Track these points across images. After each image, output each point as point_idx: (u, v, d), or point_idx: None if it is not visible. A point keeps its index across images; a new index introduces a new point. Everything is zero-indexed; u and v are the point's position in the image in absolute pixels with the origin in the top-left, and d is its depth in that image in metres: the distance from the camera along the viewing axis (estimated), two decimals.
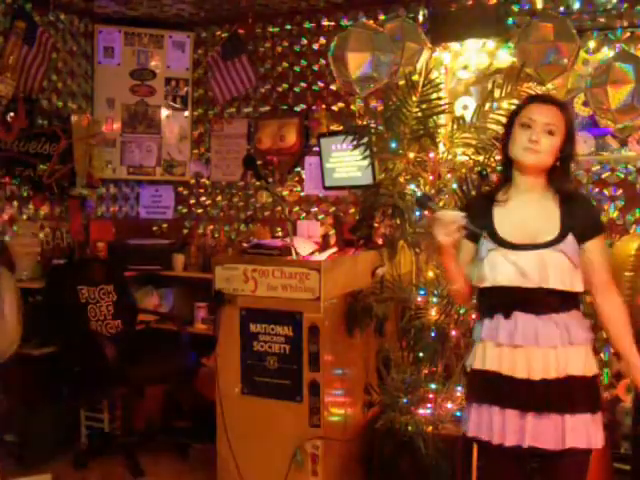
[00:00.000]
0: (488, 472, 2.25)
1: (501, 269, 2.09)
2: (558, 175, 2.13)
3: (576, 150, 2.23)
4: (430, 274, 3.26)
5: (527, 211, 2.13)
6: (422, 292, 3.24)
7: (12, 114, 4.09)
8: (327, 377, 3.08)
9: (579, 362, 2.06)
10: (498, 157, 2.91)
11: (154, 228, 5.16)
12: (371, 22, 3.77)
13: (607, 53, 3.52)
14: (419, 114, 3.19)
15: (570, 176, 2.19)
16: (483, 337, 2.15)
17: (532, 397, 2.03)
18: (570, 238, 2.07)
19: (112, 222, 4.89)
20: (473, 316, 2.25)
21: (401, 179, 3.26)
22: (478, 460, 2.35)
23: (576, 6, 3.64)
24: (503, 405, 2.06)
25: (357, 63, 3.36)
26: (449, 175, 3.24)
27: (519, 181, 2.16)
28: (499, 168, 2.37)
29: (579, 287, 2.08)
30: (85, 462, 3.83)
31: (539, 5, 3.67)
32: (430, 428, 3.07)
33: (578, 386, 2.04)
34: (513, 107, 2.33)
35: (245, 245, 3.90)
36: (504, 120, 2.47)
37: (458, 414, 3.06)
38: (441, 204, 3.23)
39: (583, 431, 2.03)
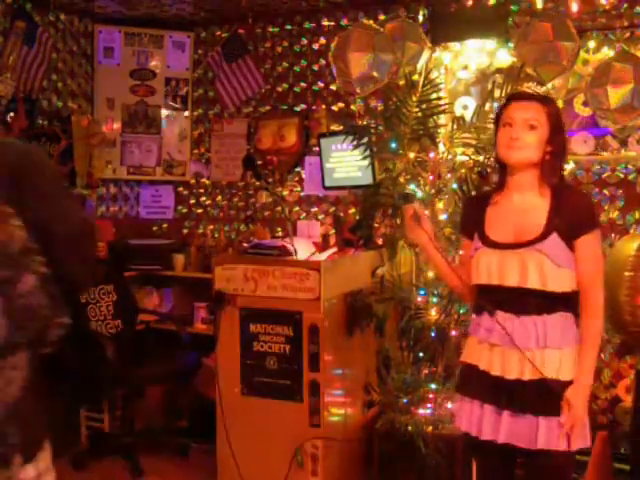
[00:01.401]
0: (477, 464, 2.30)
1: (483, 268, 2.11)
2: (548, 170, 2.12)
3: (565, 143, 2.20)
4: (430, 274, 3.26)
5: (515, 210, 2.14)
6: (422, 292, 3.24)
7: (12, 114, 4.09)
8: (327, 377, 3.08)
9: (554, 365, 2.03)
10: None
11: (154, 228, 5.15)
12: (371, 22, 3.77)
13: (607, 53, 3.52)
14: (419, 114, 3.19)
15: (559, 170, 2.17)
16: (469, 332, 2.24)
17: (508, 396, 2.05)
18: (553, 237, 2.04)
19: (112, 222, 4.89)
20: (473, 316, 2.27)
21: (401, 179, 3.26)
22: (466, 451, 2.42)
23: (576, 6, 3.64)
24: (482, 400, 2.11)
25: (358, 63, 3.36)
26: (449, 175, 3.24)
27: (509, 181, 2.17)
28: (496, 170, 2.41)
29: (565, 287, 2.05)
30: (85, 462, 3.83)
31: (539, 5, 3.67)
32: (430, 428, 3.07)
33: (553, 389, 2.02)
34: None
35: (245, 245, 3.90)
36: None
37: None
38: (441, 205, 3.24)
39: (557, 434, 2.01)
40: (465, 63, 3.77)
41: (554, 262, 2.02)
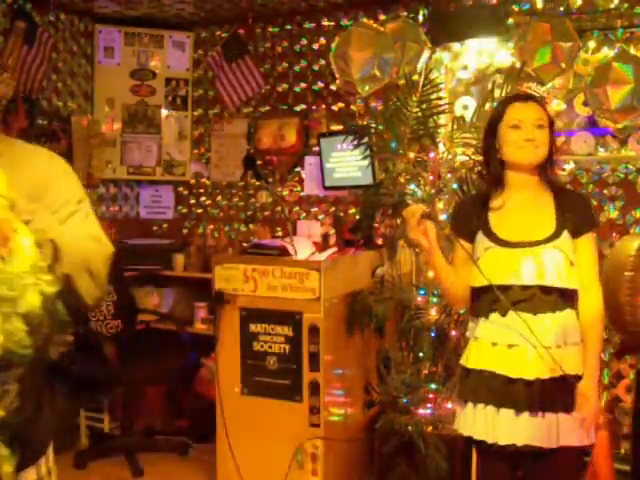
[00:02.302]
0: (482, 470, 2.28)
1: (497, 268, 2.09)
2: (548, 168, 2.16)
3: (556, 140, 2.26)
4: (430, 274, 3.25)
5: (522, 209, 2.14)
6: (422, 292, 3.24)
7: (12, 114, 4.09)
8: (327, 377, 3.08)
9: (573, 362, 2.06)
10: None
11: (154, 228, 5.15)
12: (371, 22, 3.77)
13: (607, 53, 3.52)
14: (419, 114, 3.19)
15: (554, 167, 2.23)
16: (479, 336, 2.16)
17: (527, 396, 2.04)
18: (566, 234, 2.08)
19: (112, 222, 4.89)
20: (481, 319, 2.24)
21: (401, 179, 3.26)
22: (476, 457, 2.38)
23: (576, 6, 3.64)
24: (498, 404, 2.07)
25: (360, 62, 3.36)
26: (449, 175, 3.24)
27: (513, 181, 2.17)
28: (485, 172, 2.36)
29: (575, 284, 2.08)
30: (85, 462, 3.83)
31: (539, 5, 3.67)
32: (430, 428, 3.07)
33: (572, 385, 2.04)
34: None
35: (245, 245, 3.90)
36: None
37: None
38: (441, 204, 3.24)
39: (577, 429, 2.04)
40: (465, 63, 3.77)
41: (569, 259, 2.06)
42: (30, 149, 1.46)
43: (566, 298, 2.08)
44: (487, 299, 2.14)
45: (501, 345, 2.09)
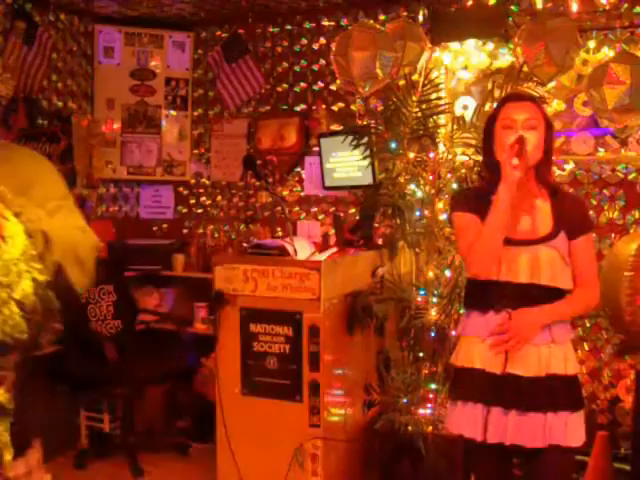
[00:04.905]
0: (479, 470, 2.29)
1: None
2: (544, 168, 2.16)
3: (554, 141, 2.24)
4: (430, 274, 3.26)
5: (519, 209, 2.14)
6: (422, 292, 3.24)
7: (12, 114, 4.09)
8: (327, 377, 3.08)
9: (561, 361, 2.07)
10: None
11: (154, 228, 5.15)
12: (371, 22, 3.77)
13: (607, 53, 3.52)
14: (419, 114, 3.19)
15: (552, 168, 2.22)
16: (469, 333, 2.18)
17: (515, 395, 2.05)
18: (562, 235, 2.09)
19: (112, 222, 4.89)
20: (475, 313, 2.24)
21: (401, 179, 3.26)
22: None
23: (576, 6, 3.64)
24: (487, 402, 2.09)
25: (361, 62, 3.36)
26: (449, 175, 3.24)
27: None
28: (485, 171, 2.36)
29: (569, 284, 2.10)
30: (85, 462, 3.83)
31: (539, 5, 3.67)
32: (430, 428, 3.07)
33: (560, 384, 2.06)
34: None
35: (245, 245, 3.90)
36: None
37: None
38: (441, 205, 3.24)
39: (564, 429, 2.04)
40: (465, 63, 3.77)
41: (564, 259, 2.07)
42: (16, 148, 1.53)
43: (559, 298, 2.09)
44: (481, 294, 2.16)
45: (489, 341, 2.10)
